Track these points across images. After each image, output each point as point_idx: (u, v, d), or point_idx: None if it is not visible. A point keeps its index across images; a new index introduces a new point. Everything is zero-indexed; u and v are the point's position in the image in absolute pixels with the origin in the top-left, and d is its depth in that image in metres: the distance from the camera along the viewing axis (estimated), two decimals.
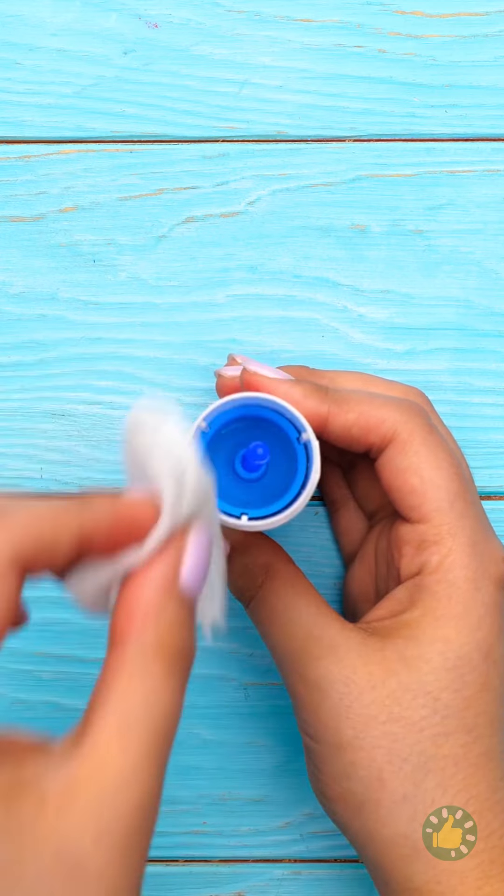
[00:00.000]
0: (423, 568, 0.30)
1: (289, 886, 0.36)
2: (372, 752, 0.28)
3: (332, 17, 0.37)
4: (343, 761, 0.29)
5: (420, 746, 0.28)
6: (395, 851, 0.29)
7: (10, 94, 0.37)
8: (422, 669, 0.29)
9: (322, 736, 0.29)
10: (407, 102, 0.37)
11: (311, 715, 0.30)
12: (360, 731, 0.29)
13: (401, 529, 0.31)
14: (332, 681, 0.29)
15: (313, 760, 0.30)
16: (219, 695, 0.36)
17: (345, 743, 0.29)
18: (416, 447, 0.30)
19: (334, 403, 0.30)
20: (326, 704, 0.29)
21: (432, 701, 0.29)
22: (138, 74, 0.37)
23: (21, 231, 0.37)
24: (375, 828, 0.29)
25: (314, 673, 0.29)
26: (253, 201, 0.37)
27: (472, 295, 0.37)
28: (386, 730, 0.29)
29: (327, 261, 0.37)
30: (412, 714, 0.29)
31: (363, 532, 0.35)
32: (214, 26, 0.37)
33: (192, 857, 0.37)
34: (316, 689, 0.29)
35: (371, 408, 0.30)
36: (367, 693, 0.29)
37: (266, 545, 0.32)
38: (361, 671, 0.29)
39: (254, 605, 0.32)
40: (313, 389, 0.30)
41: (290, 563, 0.32)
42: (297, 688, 0.30)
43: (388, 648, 0.29)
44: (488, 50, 0.37)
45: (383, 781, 0.28)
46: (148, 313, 0.37)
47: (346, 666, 0.29)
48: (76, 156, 0.37)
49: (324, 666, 0.29)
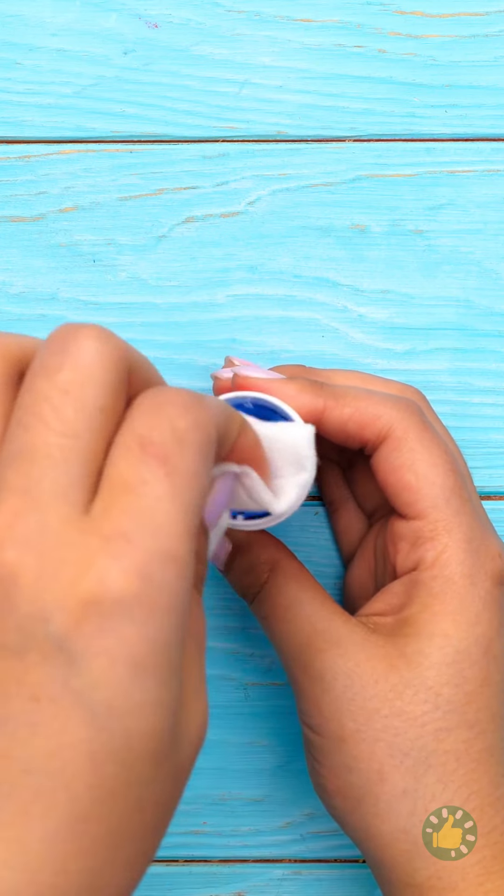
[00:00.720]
0: (419, 564, 0.30)
1: (289, 886, 0.36)
2: (373, 745, 0.29)
3: (332, 17, 0.37)
4: (344, 754, 0.29)
5: (421, 741, 0.28)
6: (395, 847, 0.29)
7: (10, 94, 0.37)
8: (422, 665, 0.29)
9: (324, 728, 0.29)
10: (407, 102, 0.37)
11: (313, 707, 0.30)
12: (361, 725, 0.29)
13: (396, 526, 0.31)
14: (336, 673, 0.29)
15: (314, 754, 0.30)
16: (219, 695, 0.36)
17: (346, 736, 0.29)
18: (412, 444, 0.30)
19: (330, 398, 0.30)
20: (329, 697, 0.29)
21: (433, 696, 0.29)
22: (138, 74, 0.37)
23: (21, 231, 0.37)
24: (374, 823, 0.29)
25: (318, 665, 0.29)
26: (253, 201, 0.37)
27: (472, 295, 0.37)
28: (387, 724, 0.29)
29: (327, 261, 0.37)
30: (414, 709, 0.29)
31: (362, 531, 0.35)
32: (214, 26, 0.37)
33: (192, 857, 0.37)
34: (319, 682, 0.29)
35: (367, 404, 0.30)
36: (370, 687, 0.29)
37: (269, 542, 0.32)
38: (365, 665, 0.29)
39: (258, 602, 0.32)
40: (308, 385, 0.30)
41: (293, 559, 0.32)
42: (300, 680, 0.30)
43: (390, 644, 0.29)
44: (488, 50, 0.37)
45: (383, 775, 0.28)
46: (148, 313, 0.37)
47: (350, 659, 0.29)
48: (76, 156, 0.37)
49: (328, 659, 0.29)
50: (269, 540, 0.32)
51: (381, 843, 0.29)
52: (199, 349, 0.37)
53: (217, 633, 0.36)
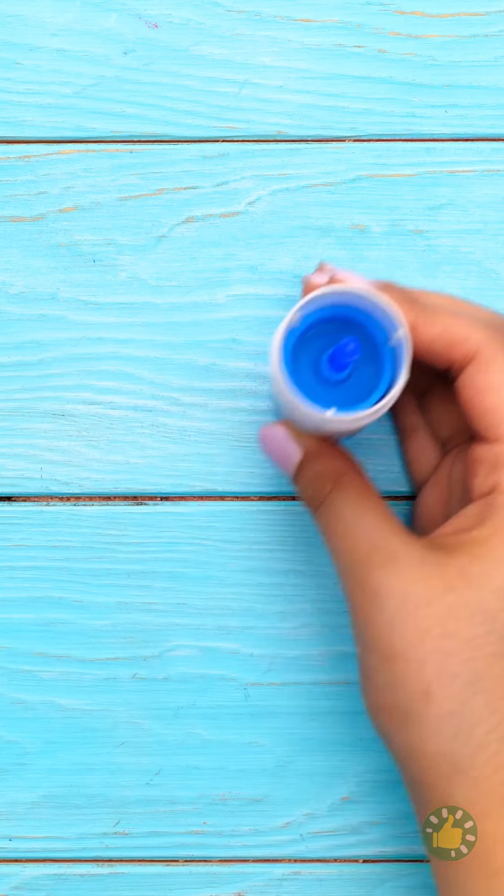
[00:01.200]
0: (495, 487, 0.30)
1: (289, 886, 0.36)
2: (421, 665, 0.28)
3: (332, 17, 0.37)
4: (392, 673, 0.29)
5: (472, 664, 0.28)
6: (437, 769, 0.28)
7: (10, 94, 0.37)
8: (484, 587, 0.28)
9: (374, 646, 0.29)
10: (407, 102, 0.37)
11: (365, 624, 0.29)
12: (411, 644, 0.28)
13: (476, 449, 0.31)
14: (389, 591, 0.29)
15: (364, 670, 0.30)
16: (219, 695, 0.37)
17: (395, 654, 0.28)
18: (499, 366, 0.30)
19: (421, 314, 0.30)
20: (381, 615, 0.29)
21: (490, 620, 0.28)
22: (138, 74, 0.37)
23: (21, 231, 0.37)
24: (418, 743, 0.28)
25: (373, 582, 0.29)
26: (253, 201, 0.37)
27: (472, 295, 0.37)
28: (438, 645, 0.28)
29: (327, 261, 0.37)
30: (467, 631, 0.28)
31: (434, 459, 0.35)
32: (214, 26, 0.37)
33: (192, 857, 0.37)
34: (373, 599, 0.29)
35: (457, 323, 0.30)
36: (424, 607, 0.28)
37: (338, 454, 0.32)
38: (420, 584, 0.29)
39: (320, 512, 0.31)
40: (403, 296, 0.30)
41: (360, 474, 0.31)
42: (354, 595, 0.30)
43: (451, 563, 0.29)
44: (488, 50, 0.37)
45: (430, 696, 0.28)
46: (148, 313, 0.37)
47: (405, 578, 0.29)
48: (76, 156, 0.37)
49: (383, 576, 0.29)
50: (338, 452, 0.32)
51: (424, 764, 0.29)
52: (199, 349, 0.37)
53: (217, 633, 0.36)
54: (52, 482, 0.37)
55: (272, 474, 0.37)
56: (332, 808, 0.36)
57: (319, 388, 0.31)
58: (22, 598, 0.36)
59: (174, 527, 0.37)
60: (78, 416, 0.37)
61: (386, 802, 0.36)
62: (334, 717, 0.36)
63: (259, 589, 0.36)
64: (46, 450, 0.37)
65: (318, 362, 0.31)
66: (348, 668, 0.36)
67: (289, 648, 0.36)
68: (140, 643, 0.36)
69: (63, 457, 0.37)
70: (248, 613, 0.36)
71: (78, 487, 0.37)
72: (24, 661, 0.36)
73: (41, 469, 0.37)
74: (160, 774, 0.36)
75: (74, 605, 0.36)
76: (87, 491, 0.37)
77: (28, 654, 0.36)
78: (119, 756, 0.36)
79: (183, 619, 0.36)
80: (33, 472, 0.37)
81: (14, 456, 0.37)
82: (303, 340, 0.30)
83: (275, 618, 0.36)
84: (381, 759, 0.36)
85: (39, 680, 0.36)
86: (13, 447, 0.37)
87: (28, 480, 0.37)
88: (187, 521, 0.37)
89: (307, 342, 0.30)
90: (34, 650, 0.36)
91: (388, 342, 0.29)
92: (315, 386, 0.31)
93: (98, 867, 0.37)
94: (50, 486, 0.37)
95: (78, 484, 0.37)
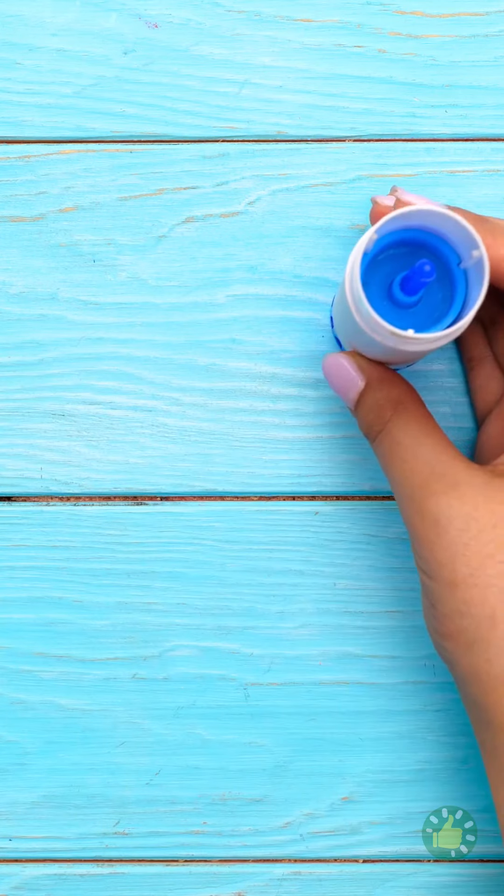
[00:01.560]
0: None
1: (289, 886, 0.36)
2: (486, 590, 0.28)
3: (332, 17, 0.37)
4: (456, 599, 0.29)
5: None
6: (500, 690, 0.29)
7: (10, 94, 0.37)
8: None
9: (437, 573, 0.29)
10: (407, 102, 0.37)
11: (427, 551, 0.29)
12: (475, 569, 0.28)
13: None
14: (451, 517, 0.29)
15: (428, 598, 0.30)
16: (219, 695, 0.37)
17: (459, 580, 0.29)
18: None
19: (490, 235, 0.30)
20: (444, 541, 0.29)
21: None
22: (138, 74, 0.37)
23: (21, 231, 0.37)
24: (483, 666, 0.29)
25: (434, 508, 0.29)
26: (253, 201, 0.37)
27: None
28: (502, 570, 0.28)
29: (327, 261, 0.37)
30: None
31: (499, 391, 0.35)
32: (214, 26, 0.37)
33: (192, 857, 0.37)
34: (434, 525, 0.29)
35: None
36: (487, 531, 0.28)
37: (398, 381, 0.32)
38: (483, 509, 0.29)
39: (380, 439, 0.31)
40: (473, 216, 0.30)
41: (419, 402, 0.31)
42: (415, 523, 0.30)
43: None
44: (488, 50, 0.37)
45: (495, 620, 0.28)
46: (148, 313, 0.37)
47: (468, 503, 0.29)
48: (76, 156, 0.37)
49: (444, 502, 0.29)
50: (398, 379, 0.32)
51: (488, 686, 0.29)
52: (199, 349, 0.37)
53: (217, 633, 0.36)
54: (52, 482, 0.37)
55: (272, 474, 0.37)
56: (332, 808, 0.36)
57: (390, 312, 0.30)
58: (22, 598, 0.36)
59: (174, 527, 0.37)
60: (78, 416, 0.37)
61: (386, 802, 0.36)
62: (334, 717, 0.36)
63: (259, 589, 0.36)
64: (46, 450, 0.37)
65: (387, 286, 0.30)
66: (348, 668, 0.36)
67: (289, 648, 0.36)
68: (140, 643, 0.36)
69: (63, 457, 0.37)
70: (248, 613, 0.36)
71: (78, 487, 0.37)
72: (24, 661, 0.36)
73: (41, 469, 0.37)
74: (160, 774, 0.36)
75: (74, 605, 0.36)
76: (87, 491, 0.37)
77: (28, 654, 0.36)
78: (119, 756, 0.36)
79: (183, 619, 0.36)
80: (33, 472, 0.37)
81: (14, 456, 0.37)
82: (373, 265, 0.30)
83: (275, 618, 0.37)
84: (381, 759, 0.36)
85: (39, 680, 0.36)
86: (13, 447, 0.37)
87: (28, 480, 0.37)
88: (187, 521, 0.37)
89: (378, 266, 0.30)
90: (34, 650, 0.36)
91: (461, 264, 0.29)
92: (385, 310, 0.30)
93: (98, 867, 0.37)
94: (50, 486, 0.37)
95: (78, 484, 0.37)
